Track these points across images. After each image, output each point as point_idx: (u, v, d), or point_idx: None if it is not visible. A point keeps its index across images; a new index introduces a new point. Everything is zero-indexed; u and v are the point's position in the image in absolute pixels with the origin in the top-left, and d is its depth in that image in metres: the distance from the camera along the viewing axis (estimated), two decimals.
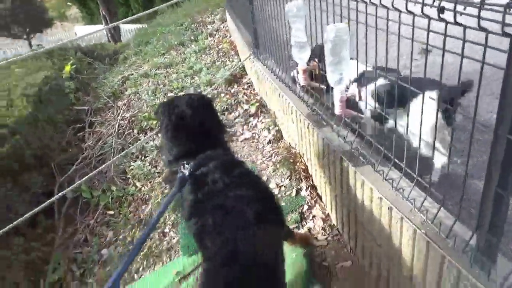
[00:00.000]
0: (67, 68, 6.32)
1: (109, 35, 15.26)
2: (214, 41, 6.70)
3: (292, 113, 2.97)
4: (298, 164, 2.97)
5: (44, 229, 3.69)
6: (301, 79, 2.51)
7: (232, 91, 4.65)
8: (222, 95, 4.61)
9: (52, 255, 3.45)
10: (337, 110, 2.06)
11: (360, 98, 2.11)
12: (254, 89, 4.50)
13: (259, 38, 3.99)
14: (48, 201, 3.19)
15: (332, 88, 2.09)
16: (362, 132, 2.07)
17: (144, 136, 4.55)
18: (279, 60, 3.34)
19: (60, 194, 3.21)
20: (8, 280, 3.10)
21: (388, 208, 1.77)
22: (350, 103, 2.23)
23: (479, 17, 1.02)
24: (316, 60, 2.38)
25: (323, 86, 2.50)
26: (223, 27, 7.23)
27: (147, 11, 4.86)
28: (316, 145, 2.55)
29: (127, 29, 16.58)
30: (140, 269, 2.89)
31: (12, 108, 4.18)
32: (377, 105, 2.11)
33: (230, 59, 5.57)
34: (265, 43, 3.76)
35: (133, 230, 3.38)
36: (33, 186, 3.75)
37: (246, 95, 4.43)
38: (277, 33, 3.11)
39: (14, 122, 3.91)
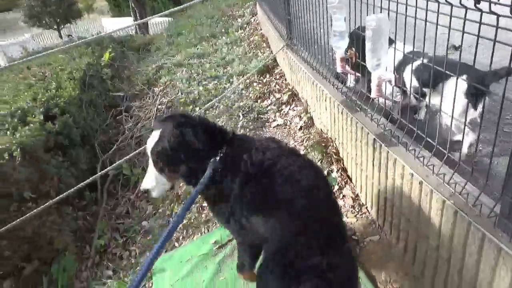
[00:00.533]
0: (106, 55, 6.65)
1: (137, 27, 15.67)
2: (245, 34, 6.91)
3: (325, 100, 3.16)
4: (329, 148, 3.14)
5: (89, 202, 4.00)
6: (338, 66, 2.69)
7: (265, 80, 4.86)
8: (255, 84, 4.83)
9: (96, 225, 3.75)
10: (374, 94, 2.24)
11: (396, 83, 2.28)
12: (286, 79, 4.68)
13: (293, 30, 4.16)
14: (94, 176, 3.49)
15: (368, 74, 2.28)
16: (395, 116, 2.24)
17: None
18: (312, 49, 3.51)
19: (105, 170, 3.50)
20: (57, 242, 3.41)
21: (419, 183, 1.94)
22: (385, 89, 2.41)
23: None
24: (353, 48, 2.55)
25: (358, 74, 2.68)
26: (253, 20, 7.42)
27: (181, 6, 5.07)
28: (349, 129, 2.72)
29: (153, 22, 16.95)
30: (180, 237, 3.15)
31: (61, 90, 4.52)
32: (416, 83, 2.27)
33: (262, 51, 5.77)
34: (299, 35, 3.92)
35: (171, 205, 3.64)
36: (79, 162, 4.06)
37: (278, 85, 4.63)
38: (313, 25, 3.28)
39: (63, 102, 4.24)
